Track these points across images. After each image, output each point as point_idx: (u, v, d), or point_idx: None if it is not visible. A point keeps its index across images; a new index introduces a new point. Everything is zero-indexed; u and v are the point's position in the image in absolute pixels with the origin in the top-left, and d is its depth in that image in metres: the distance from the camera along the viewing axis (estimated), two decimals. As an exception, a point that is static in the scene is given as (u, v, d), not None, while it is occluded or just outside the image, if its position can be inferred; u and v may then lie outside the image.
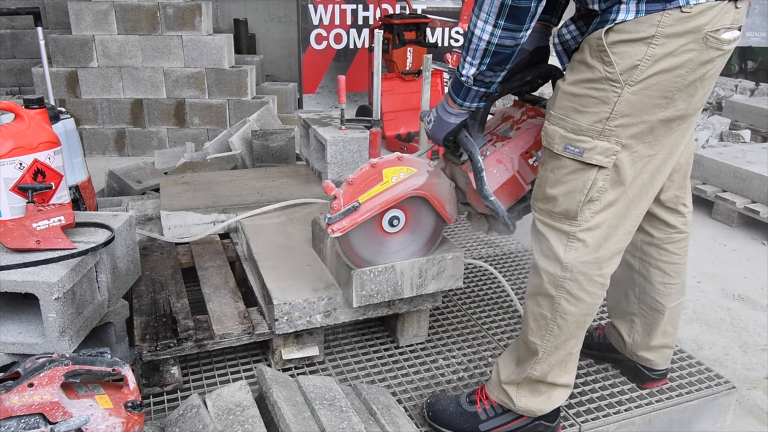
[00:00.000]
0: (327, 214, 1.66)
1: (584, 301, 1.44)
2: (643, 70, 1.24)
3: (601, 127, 1.31)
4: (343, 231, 1.65)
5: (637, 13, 1.23)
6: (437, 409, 1.66)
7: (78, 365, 1.30)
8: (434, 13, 6.32)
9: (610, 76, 1.27)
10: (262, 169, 3.10)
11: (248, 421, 1.37)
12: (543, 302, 1.48)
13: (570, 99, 1.34)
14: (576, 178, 1.36)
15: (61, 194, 1.76)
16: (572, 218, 1.39)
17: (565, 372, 1.55)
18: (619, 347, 1.85)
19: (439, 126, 1.59)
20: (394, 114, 5.14)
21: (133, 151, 4.86)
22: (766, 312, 2.65)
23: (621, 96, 1.27)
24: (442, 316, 2.23)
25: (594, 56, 1.29)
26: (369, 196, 1.66)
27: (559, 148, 1.36)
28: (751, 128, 5.17)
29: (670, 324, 1.74)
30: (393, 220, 1.75)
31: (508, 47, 1.35)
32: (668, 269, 1.67)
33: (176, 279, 2.16)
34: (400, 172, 1.69)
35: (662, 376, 1.84)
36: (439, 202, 1.76)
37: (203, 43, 4.68)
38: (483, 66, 1.39)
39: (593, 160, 1.33)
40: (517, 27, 1.31)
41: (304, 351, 1.90)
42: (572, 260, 1.40)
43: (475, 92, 1.46)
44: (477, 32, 1.34)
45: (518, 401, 1.57)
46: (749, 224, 3.55)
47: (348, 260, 1.76)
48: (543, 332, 1.49)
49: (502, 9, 1.29)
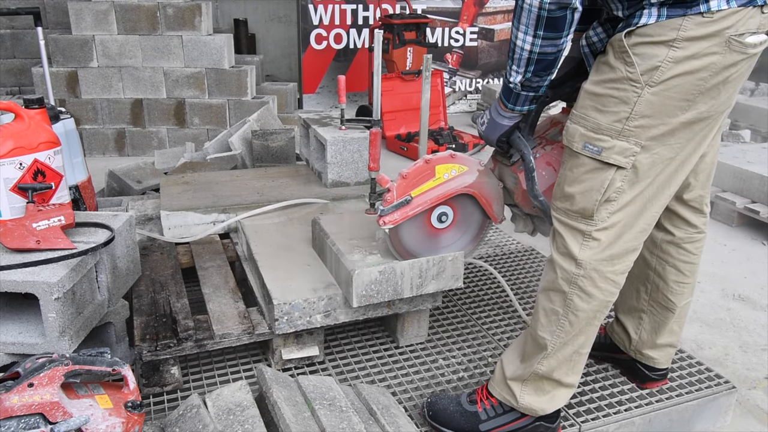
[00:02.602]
0: (380, 206, 1.70)
1: (596, 297, 1.46)
2: (664, 71, 1.27)
3: (621, 127, 1.33)
4: (394, 223, 1.70)
5: (659, 17, 1.26)
6: (437, 408, 1.66)
7: (78, 365, 1.30)
8: (434, 13, 6.32)
9: (631, 77, 1.30)
10: (262, 169, 3.10)
11: (248, 421, 1.37)
12: (555, 298, 1.49)
13: (591, 98, 1.37)
14: (594, 177, 1.38)
15: (61, 194, 1.76)
16: (588, 217, 1.41)
17: (572, 371, 1.56)
18: (623, 345, 1.85)
19: (492, 128, 1.64)
20: (394, 114, 5.14)
21: (133, 151, 4.86)
22: (766, 312, 2.65)
23: (641, 96, 1.30)
24: (442, 316, 2.23)
25: (617, 57, 1.32)
26: (421, 191, 1.72)
27: (578, 146, 1.39)
28: (751, 128, 5.17)
29: (677, 323, 1.75)
30: (442, 216, 1.80)
31: (551, 54, 1.39)
32: (684, 268, 1.68)
33: (176, 279, 2.16)
34: (452, 169, 1.74)
35: (663, 376, 1.84)
36: (487, 201, 1.81)
37: (203, 43, 4.68)
38: (528, 73, 1.44)
39: (611, 159, 1.35)
40: (557, 35, 1.35)
41: (304, 351, 1.90)
42: (587, 258, 1.43)
43: (524, 97, 1.52)
44: (519, 43, 1.40)
45: (521, 398, 1.57)
46: (749, 224, 3.55)
47: (395, 251, 1.80)
48: (553, 327, 1.51)
49: (539, 20, 1.33)
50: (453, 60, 6.57)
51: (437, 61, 6.46)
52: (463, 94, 6.72)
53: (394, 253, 1.80)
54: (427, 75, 2.66)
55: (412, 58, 5.39)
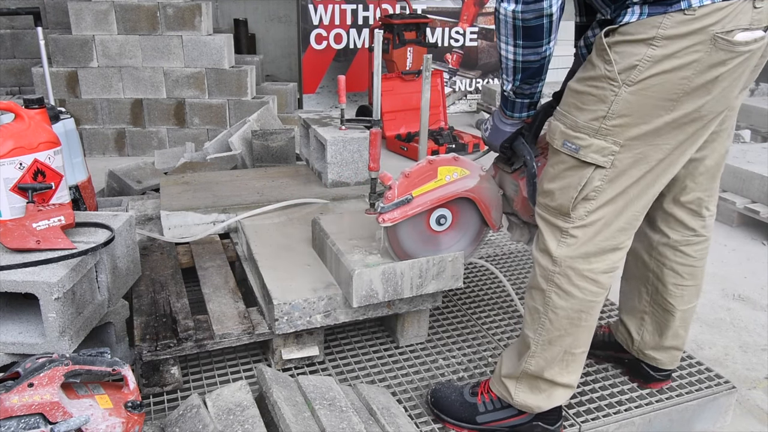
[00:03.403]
0: (380, 203, 1.71)
1: (574, 296, 1.44)
2: (642, 70, 1.24)
3: (598, 126, 1.31)
4: (393, 221, 1.70)
5: (640, 15, 1.24)
6: (440, 395, 1.70)
7: (78, 365, 1.30)
8: (434, 13, 6.32)
9: (609, 75, 1.28)
10: (262, 169, 3.10)
11: (248, 421, 1.37)
12: (536, 296, 1.50)
13: (573, 96, 1.37)
14: (572, 175, 1.38)
15: (61, 194, 1.76)
16: (565, 214, 1.41)
17: (566, 372, 1.54)
18: (626, 345, 1.85)
19: (495, 134, 1.66)
20: (394, 114, 5.14)
21: (133, 151, 4.86)
22: (766, 312, 2.65)
23: (618, 95, 1.28)
24: (442, 316, 2.23)
25: (597, 55, 1.31)
26: (422, 191, 1.72)
27: (558, 143, 1.39)
28: (751, 128, 5.17)
29: (683, 327, 1.73)
30: (440, 218, 1.81)
31: (535, 62, 1.40)
32: (682, 271, 1.66)
33: (176, 279, 2.16)
34: (454, 172, 1.75)
35: (667, 377, 1.84)
36: (487, 207, 1.82)
37: (203, 43, 4.68)
38: (517, 81, 1.46)
39: (588, 158, 1.34)
40: (537, 43, 1.36)
41: (304, 351, 1.90)
42: (562, 255, 1.42)
43: (520, 104, 1.54)
44: (503, 53, 1.42)
45: (516, 396, 1.58)
46: (749, 224, 3.55)
47: (391, 251, 1.80)
48: (536, 326, 1.51)
49: (516, 30, 1.34)
50: (453, 60, 6.58)
51: (437, 61, 6.46)
52: (463, 94, 6.73)
53: (390, 252, 1.80)
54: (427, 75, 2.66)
55: (412, 58, 5.39)
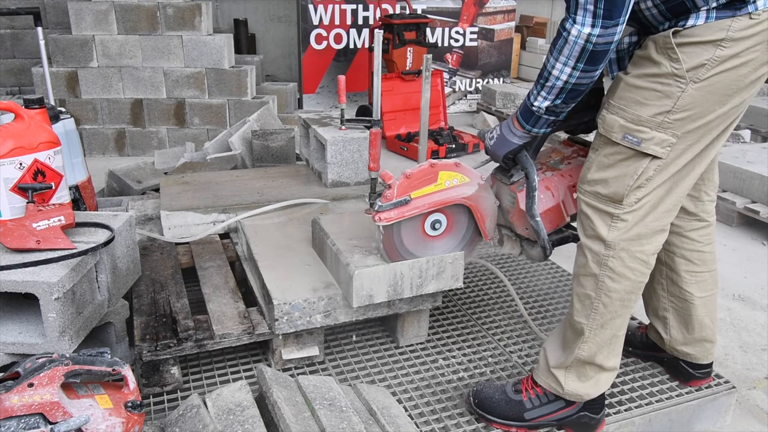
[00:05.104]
0: (378, 202, 1.70)
1: (627, 277, 1.49)
2: (709, 69, 1.32)
3: (661, 119, 1.38)
4: (389, 221, 1.70)
5: (707, 19, 1.30)
6: (483, 396, 1.70)
7: (78, 365, 1.30)
8: (434, 13, 6.32)
9: (677, 72, 1.34)
10: (262, 169, 3.10)
11: (248, 421, 1.37)
12: (587, 282, 1.53)
13: (632, 91, 1.41)
14: (629, 165, 1.43)
15: (61, 194, 1.76)
16: (618, 201, 1.46)
17: (612, 355, 1.59)
18: (661, 344, 1.88)
19: (501, 144, 1.67)
20: (394, 114, 5.14)
21: (133, 151, 4.86)
22: (766, 312, 2.65)
23: (684, 92, 1.34)
24: (442, 316, 2.23)
25: (660, 52, 1.36)
26: (421, 194, 1.73)
27: (618, 136, 1.43)
28: (751, 128, 5.17)
29: (708, 316, 1.76)
30: (435, 223, 1.81)
31: (584, 84, 1.43)
32: (692, 257, 1.71)
33: (176, 279, 2.16)
34: (455, 177, 1.76)
35: (707, 374, 1.85)
36: (482, 216, 1.82)
37: (203, 43, 4.68)
38: (558, 100, 1.46)
39: (649, 150, 1.40)
40: (595, 68, 1.38)
41: (304, 351, 1.90)
42: (615, 238, 1.47)
43: (545, 120, 1.54)
44: (555, 73, 1.40)
45: (566, 385, 1.60)
46: (749, 224, 3.55)
47: (384, 251, 1.79)
48: (588, 311, 1.54)
49: (583, 53, 1.35)
50: (453, 60, 6.57)
51: (437, 61, 6.46)
52: (463, 94, 6.72)
53: (382, 251, 1.79)
54: (427, 75, 2.66)
55: (412, 58, 5.39)
